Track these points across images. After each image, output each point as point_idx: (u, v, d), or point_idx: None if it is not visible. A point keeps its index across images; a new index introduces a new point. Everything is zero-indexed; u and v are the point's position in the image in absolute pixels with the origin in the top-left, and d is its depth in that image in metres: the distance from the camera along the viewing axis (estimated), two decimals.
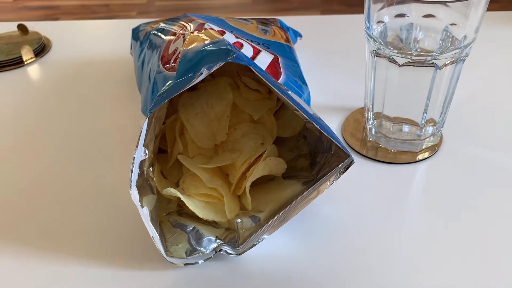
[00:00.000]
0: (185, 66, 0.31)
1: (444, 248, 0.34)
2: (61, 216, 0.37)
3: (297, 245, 0.35)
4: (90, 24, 0.69)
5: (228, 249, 0.33)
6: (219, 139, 0.37)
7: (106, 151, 0.44)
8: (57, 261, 0.34)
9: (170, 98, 0.29)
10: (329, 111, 0.47)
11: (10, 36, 0.63)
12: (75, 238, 0.36)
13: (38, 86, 0.54)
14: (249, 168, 0.35)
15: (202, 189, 0.34)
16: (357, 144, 0.43)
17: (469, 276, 0.32)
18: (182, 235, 0.34)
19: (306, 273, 0.33)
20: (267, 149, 0.35)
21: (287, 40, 0.47)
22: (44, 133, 0.47)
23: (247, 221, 0.34)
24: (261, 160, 0.35)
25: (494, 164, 0.41)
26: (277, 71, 0.39)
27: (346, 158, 0.31)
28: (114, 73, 0.55)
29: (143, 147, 0.30)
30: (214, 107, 0.36)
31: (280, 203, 0.35)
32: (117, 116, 0.48)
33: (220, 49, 0.30)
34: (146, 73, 0.41)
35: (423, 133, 0.41)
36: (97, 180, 0.41)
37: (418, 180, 0.40)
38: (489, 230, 0.35)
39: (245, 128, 0.37)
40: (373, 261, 0.33)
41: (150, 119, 0.29)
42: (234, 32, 0.42)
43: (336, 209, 0.37)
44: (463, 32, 0.36)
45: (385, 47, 0.37)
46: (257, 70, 0.29)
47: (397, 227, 0.36)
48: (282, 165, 0.36)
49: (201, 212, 0.33)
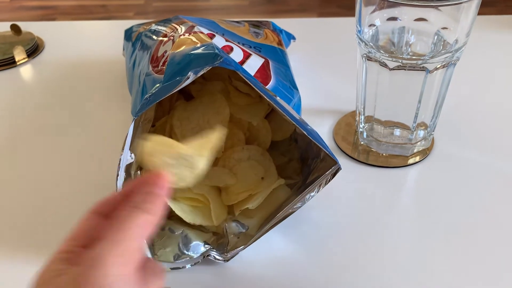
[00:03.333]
0: (172, 69, 0.31)
1: (435, 250, 0.34)
2: (51, 215, 0.37)
3: (287, 249, 0.34)
4: (84, 25, 0.69)
5: (216, 255, 0.33)
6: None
7: (99, 151, 0.44)
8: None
9: (157, 101, 0.29)
10: (321, 114, 0.47)
11: (3, 36, 0.62)
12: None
13: (31, 87, 0.54)
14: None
15: (188, 192, 0.33)
16: (349, 147, 0.43)
17: (461, 278, 0.32)
18: (170, 239, 0.33)
19: (296, 277, 0.32)
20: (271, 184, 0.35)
21: (279, 43, 0.47)
22: (36, 133, 0.46)
23: (235, 226, 0.34)
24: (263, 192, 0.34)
25: (485, 167, 0.40)
26: (267, 75, 0.38)
27: (334, 164, 0.31)
28: (107, 73, 0.55)
29: (129, 150, 0.29)
30: (210, 122, 0.36)
31: (270, 209, 0.35)
32: (109, 116, 0.48)
33: (207, 53, 0.30)
34: (136, 74, 0.41)
35: (414, 137, 0.41)
36: (88, 180, 0.40)
37: (410, 183, 0.40)
38: (481, 233, 0.35)
39: (251, 152, 0.36)
40: (364, 264, 0.33)
41: (136, 122, 0.29)
42: (225, 35, 0.42)
43: (327, 212, 0.37)
44: (454, 36, 0.36)
45: (376, 51, 0.37)
46: (244, 75, 0.29)
47: (389, 230, 0.35)
48: (283, 188, 0.36)
49: (188, 217, 0.33)
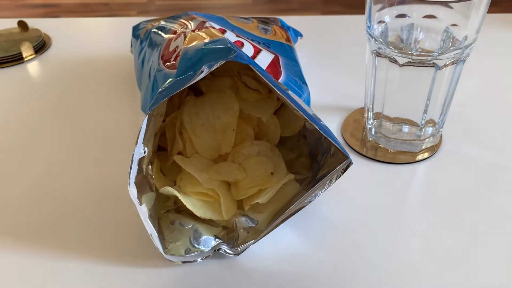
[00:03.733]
0: (185, 64, 0.31)
1: (443, 247, 0.34)
2: (59, 214, 0.37)
3: (296, 244, 0.34)
4: (90, 22, 0.69)
5: (226, 249, 0.33)
6: (223, 151, 0.36)
7: (106, 148, 0.44)
8: (56, 257, 0.34)
9: (170, 96, 0.29)
10: (329, 111, 0.47)
11: (10, 33, 0.62)
12: (74, 235, 0.36)
13: (38, 83, 0.54)
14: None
15: (199, 187, 0.34)
16: (357, 144, 0.43)
17: (469, 276, 0.32)
18: (181, 233, 0.34)
19: (305, 272, 0.33)
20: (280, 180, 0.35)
21: (288, 39, 0.47)
22: (44, 129, 0.46)
23: (245, 221, 0.34)
24: (273, 187, 0.34)
25: (493, 165, 0.41)
26: (278, 70, 0.39)
27: (345, 159, 0.31)
28: (113, 70, 0.55)
29: (142, 144, 0.30)
30: (220, 117, 0.36)
31: (279, 204, 0.35)
32: (117, 113, 0.48)
33: (221, 47, 0.30)
34: (146, 71, 0.41)
35: (423, 134, 0.41)
36: (97, 177, 0.41)
37: (418, 180, 0.40)
38: (489, 231, 0.35)
39: (260, 148, 0.36)
40: (373, 261, 0.33)
41: (149, 117, 0.29)
42: (235, 31, 0.42)
43: (335, 208, 0.37)
44: (464, 33, 0.36)
45: (386, 47, 0.37)
46: (257, 69, 0.29)
47: (397, 226, 0.36)
48: (292, 183, 0.36)
49: (198, 211, 0.33)
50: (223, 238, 0.34)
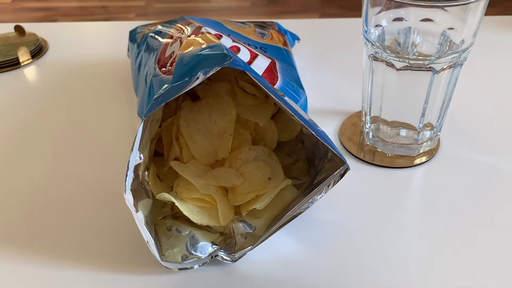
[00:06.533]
0: (181, 70, 0.31)
1: (441, 252, 0.34)
2: (55, 220, 0.37)
3: (294, 249, 0.34)
4: (88, 26, 0.69)
5: (224, 255, 0.33)
6: (220, 156, 0.36)
7: (103, 153, 0.44)
8: (51, 265, 0.34)
9: (166, 102, 0.29)
10: (326, 115, 0.47)
11: (7, 37, 0.62)
12: (69, 242, 0.35)
13: (35, 88, 0.54)
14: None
15: (196, 193, 0.33)
16: (354, 148, 0.43)
17: (468, 280, 0.32)
18: (178, 239, 0.33)
19: (303, 277, 0.32)
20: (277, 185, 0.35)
21: (285, 43, 0.47)
22: (40, 134, 0.46)
23: (242, 227, 0.34)
24: (271, 192, 0.34)
25: (491, 169, 0.40)
26: (274, 75, 0.38)
27: (342, 165, 0.31)
28: (110, 75, 0.55)
29: (138, 151, 0.29)
30: (216, 122, 0.36)
31: (277, 210, 0.35)
32: (114, 118, 0.48)
33: (216, 53, 0.30)
34: (142, 75, 0.41)
35: (421, 138, 0.41)
36: (93, 182, 0.40)
37: (415, 184, 0.40)
38: (487, 234, 0.35)
39: (258, 153, 0.36)
40: (371, 265, 0.33)
41: (145, 123, 0.29)
42: (232, 35, 0.42)
43: (333, 213, 0.37)
44: (461, 37, 0.36)
45: (383, 51, 0.37)
46: (253, 75, 0.29)
47: (394, 231, 0.35)
48: (290, 188, 0.36)
49: (195, 217, 0.33)
50: (220, 245, 0.33)
